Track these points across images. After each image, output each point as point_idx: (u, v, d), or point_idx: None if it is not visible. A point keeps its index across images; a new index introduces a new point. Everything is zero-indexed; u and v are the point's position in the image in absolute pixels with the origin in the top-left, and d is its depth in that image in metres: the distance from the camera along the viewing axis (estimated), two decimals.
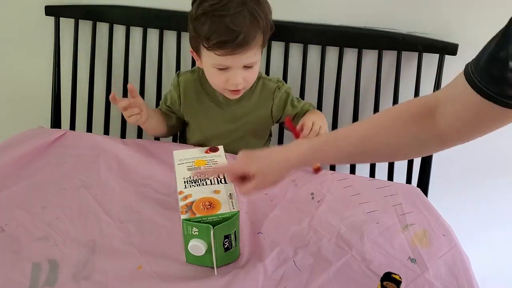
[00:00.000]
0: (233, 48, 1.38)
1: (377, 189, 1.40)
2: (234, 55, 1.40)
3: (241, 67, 1.45)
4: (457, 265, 1.15)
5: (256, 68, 1.52)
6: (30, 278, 1.09)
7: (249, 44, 1.39)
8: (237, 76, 1.46)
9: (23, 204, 1.31)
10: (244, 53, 1.41)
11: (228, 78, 1.46)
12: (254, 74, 1.52)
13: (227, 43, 1.37)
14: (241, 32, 1.35)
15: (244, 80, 1.49)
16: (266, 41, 1.52)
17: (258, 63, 1.51)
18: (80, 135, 1.66)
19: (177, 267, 1.12)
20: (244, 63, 1.44)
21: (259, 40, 1.44)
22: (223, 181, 1.17)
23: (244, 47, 1.39)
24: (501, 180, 1.88)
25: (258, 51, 1.47)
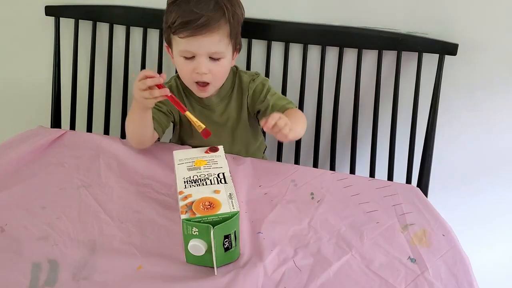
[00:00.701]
0: (194, 29, 1.42)
1: (377, 189, 1.39)
2: (196, 37, 1.43)
3: (206, 56, 1.47)
4: (456, 265, 1.15)
5: (224, 63, 1.52)
6: (30, 278, 1.09)
7: (211, 27, 1.43)
8: (202, 64, 1.47)
9: (23, 204, 1.31)
10: (207, 36, 1.43)
11: (194, 67, 1.48)
12: (221, 68, 1.52)
13: (189, 24, 1.42)
14: (203, 15, 1.41)
15: (210, 73, 1.49)
16: (235, 37, 1.53)
17: (226, 58, 1.52)
18: (79, 135, 1.66)
19: (177, 267, 1.12)
20: (208, 49, 1.46)
21: (224, 29, 1.47)
22: (223, 181, 1.17)
23: (205, 29, 1.42)
24: (501, 180, 1.88)
25: (223, 41, 1.48)
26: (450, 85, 1.75)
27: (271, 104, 1.59)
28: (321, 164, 1.92)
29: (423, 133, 1.77)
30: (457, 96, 1.79)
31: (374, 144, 1.82)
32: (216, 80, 1.54)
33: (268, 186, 1.41)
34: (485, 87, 1.76)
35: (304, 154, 1.91)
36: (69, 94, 2.01)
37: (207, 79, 1.51)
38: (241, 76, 1.65)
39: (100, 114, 2.02)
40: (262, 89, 1.62)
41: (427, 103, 1.74)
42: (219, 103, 1.65)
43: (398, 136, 1.79)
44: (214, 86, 1.56)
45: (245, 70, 1.76)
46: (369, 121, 1.82)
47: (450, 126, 1.83)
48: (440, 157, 1.83)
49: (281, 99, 1.61)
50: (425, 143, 1.77)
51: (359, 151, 1.86)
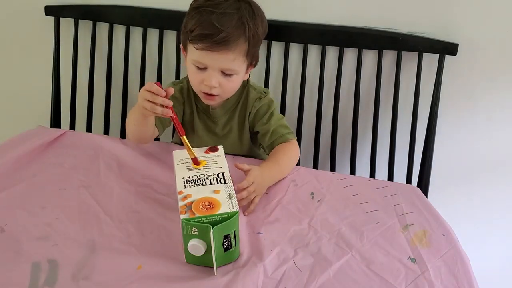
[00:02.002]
0: (211, 44, 1.38)
1: (377, 189, 1.39)
2: (211, 52, 1.40)
3: (218, 70, 1.44)
4: (457, 265, 1.15)
5: (236, 79, 1.49)
6: (29, 278, 1.09)
7: (228, 45, 1.39)
8: (212, 78, 1.44)
9: (22, 204, 1.31)
10: (222, 54, 1.40)
11: (204, 79, 1.45)
12: (232, 84, 1.49)
13: (206, 38, 1.38)
14: (223, 30, 1.37)
15: (220, 86, 1.47)
16: (251, 56, 1.49)
17: (239, 74, 1.49)
18: (79, 135, 1.66)
19: (177, 267, 1.12)
20: (221, 66, 1.43)
21: (242, 48, 1.43)
22: (223, 181, 1.16)
23: (223, 46, 1.39)
24: (501, 180, 1.88)
25: (238, 59, 1.45)
26: (450, 85, 1.75)
27: (271, 130, 1.56)
28: (321, 164, 1.92)
29: (423, 133, 1.77)
30: (457, 96, 1.79)
31: (374, 144, 1.82)
32: (225, 93, 1.51)
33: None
34: (485, 87, 1.76)
35: (304, 154, 1.90)
36: (69, 94, 2.01)
37: (215, 92, 1.48)
38: (249, 92, 1.60)
39: (100, 114, 2.01)
40: (266, 111, 1.58)
41: (427, 103, 1.74)
42: (223, 116, 1.62)
43: (398, 136, 1.79)
44: (222, 98, 1.54)
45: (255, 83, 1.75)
46: (369, 121, 1.82)
47: (450, 126, 1.82)
48: (440, 157, 1.83)
49: (282, 126, 1.57)
50: (425, 143, 1.77)
51: (359, 151, 1.86)
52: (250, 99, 1.59)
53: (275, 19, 1.80)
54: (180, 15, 1.65)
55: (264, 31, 1.53)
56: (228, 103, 1.60)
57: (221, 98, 1.53)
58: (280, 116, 1.61)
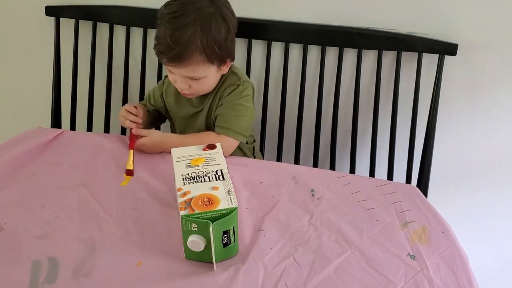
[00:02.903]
0: (167, 59, 1.48)
1: (377, 187, 1.39)
2: (172, 64, 1.49)
3: (185, 77, 1.52)
4: (456, 262, 1.15)
5: (206, 81, 1.55)
6: (30, 276, 1.09)
7: (182, 60, 1.46)
8: (180, 83, 1.53)
9: (22, 203, 1.31)
10: (181, 67, 1.48)
11: (174, 80, 1.55)
12: (202, 85, 1.56)
13: (162, 54, 1.48)
14: (175, 48, 1.44)
15: (191, 87, 1.54)
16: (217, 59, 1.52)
17: (208, 77, 1.54)
18: (77, 134, 1.67)
19: (177, 263, 1.12)
20: (185, 74, 1.51)
21: (198, 59, 1.47)
22: (221, 178, 1.17)
23: (177, 62, 1.47)
24: (501, 180, 1.88)
25: (199, 68, 1.49)
26: (450, 85, 1.75)
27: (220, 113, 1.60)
28: (321, 164, 1.92)
29: (423, 133, 1.77)
30: (457, 96, 1.79)
31: (374, 144, 1.82)
32: (199, 90, 1.59)
33: (269, 183, 1.41)
34: (485, 87, 1.76)
35: (304, 154, 1.91)
36: (69, 94, 2.01)
37: (187, 92, 1.56)
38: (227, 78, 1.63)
39: (100, 114, 2.02)
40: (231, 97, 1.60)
41: (427, 103, 1.75)
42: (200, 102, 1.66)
43: (398, 136, 1.79)
44: (197, 94, 1.61)
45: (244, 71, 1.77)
46: (369, 121, 1.82)
47: (450, 126, 1.83)
48: (440, 157, 1.83)
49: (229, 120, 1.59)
50: (425, 143, 1.77)
51: (359, 151, 1.86)
52: (225, 84, 1.62)
53: (275, 19, 1.80)
54: None
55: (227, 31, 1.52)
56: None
57: (197, 94, 1.61)
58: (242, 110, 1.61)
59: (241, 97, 1.60)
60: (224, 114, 1.59)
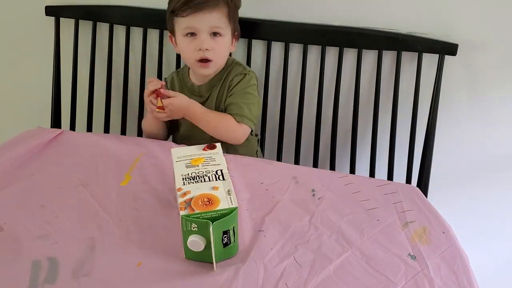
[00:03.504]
0: (195, 5, 1.55)
1: (377, 187, 1.39)
2: (198, 14, 1.56)
3: (207, 32, 1.59)
4: (456, 262, 1.15)
5: (224, 40, 1.63)
6: (30, 276, 1.09)
7: (210, 5, 1.56)
8: (204, 41, 1.59)
9: (21, 203, 1.31)
10: (207, 13, 1.56)
11: (197, 44, 1.59)
12: (221, 46, 1.63)
13: (189, 3, 1.55)
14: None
15: (212, 49, 1.60)
16: (233, 21, 1.64)
17: (226, 37, 1.63)
18: (77, 134, 1.67)
19: (177, 263, 1.12)
20: (209, 24, 1.58)
21: (223, 9, 1.59)
22: (221, 178, 1.17)
23: (205, 6, 1.55)
24: (501, 180, 1.88)
25: (222, 19, 1.60)
26: (450, 85, 1.75)
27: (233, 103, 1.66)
28: (321, 164, 1.92)
29: (423, 133, 1.77)
30: (457, 96, 1.79)
31: (374, 144, 1.82)
32: (217, 57, 1.64)
33: (269, 183, 1.41)
34: (485, 87, 1.76)
35: (304, 154, 1.91)
36: (69, 94, 2.01)
37: (209, 55, 1.61)
38: (233, 68, 1.71)
39: (100, 114, 2.02)
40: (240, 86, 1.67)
41: (427, 103, 1.75)
42: (207, 91, 1.71)
43: (398, 136, 1.79)
44: (216, 64, 1.65)
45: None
46: (369, 121, 1.82)
47: (450, 126, 1.83)
48: (440, 157, 1.83)
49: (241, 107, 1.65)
50: (425, 143, 1.77)
51: (359, 151, 1.86)
52: (232, 74, 1.70)
53: (275, 19, 1.80)
54: None
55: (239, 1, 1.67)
56: (214, 80, 1.71)
57: (215, 65, 1.66)
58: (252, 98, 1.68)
59: (249, 86, 1.68)
60: (237, 102, 1.65)
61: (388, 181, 1.50)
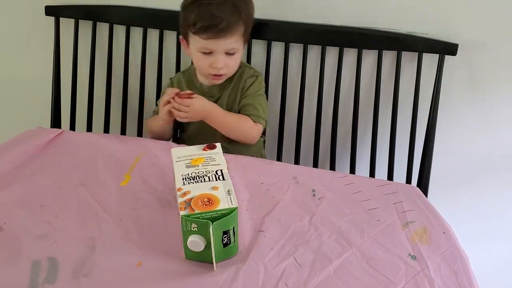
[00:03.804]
0: (216, 32, 1.56)
1: (378, 187, 1.39)
2: (216, 39, 1.58)
3: (223, 53, 1.62)
4: (456, 262, 1.15)
5: (237, 57, 1.67)
6: (30, 276, 1.08)
7: (230, 30, 1.58)
8: (219, 61, 1.62)
9: (21, 203, 1.30)
10: (226, 39, 1.59)
11: (212, 62, 1.63)
12: (235, 62, 1.68)
13: (210, 28, 1.56)
14: (224, 19, 1.55)
15: (226, 66, 1.64)
16: (248, 34, 1.68)
17: (239, 52, 1.67)
18: (77, 134, 1.66)
19: (177, 263, 1.12)
20: (226, 48, 1.61)
21: (240, 29, 1.62)
22: (221, 178, 1.16)
23: (226, 33, 1.57)
24: (501, 180, 1.88)
25: (239, 40, 1.63)
26: (450, 85, 1.75)
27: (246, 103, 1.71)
28: (321, 164, 1.92)
29: (423, 133, 1.77)
30: (457, 96, 1.79)
31: (374, 144, 1.82)
32: (230, 70, 1.69)
33: (270, 183, 1.40)
34: (485, 87, 1.76)
35: (304, 154, 1.91)
36: (69, 94, 2.01)
37: (223, 72, 1.65)
38: (244, 71, 1.75)
39: (100, 114, 2.02)
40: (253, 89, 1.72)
41: (427, 103, 1.75)
42: (218, 92, 1.74)
43: (398, 136, 1.79)
44: (227, 76, 1.70)
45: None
46: (369, 121, 1.82)
47: (450, 126, 1.82)
48: (440, 157, 1.83)
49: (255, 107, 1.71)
50: (425, 143, 1.77)
51: (359, 151, 1.86)
52: (244, 76, 1.74)
53: (275, 19, 1.80)
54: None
55: (253, 7, 1.70)
56: (224, 81, 1.74)
57: (227, 77, 1.71)
58: (263, 100, 1.75)
59: (260, 88, 1.75)
60: (252, 104, 1.71)
61: (389, 181, 1.50)
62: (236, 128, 1.69)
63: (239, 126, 1.68)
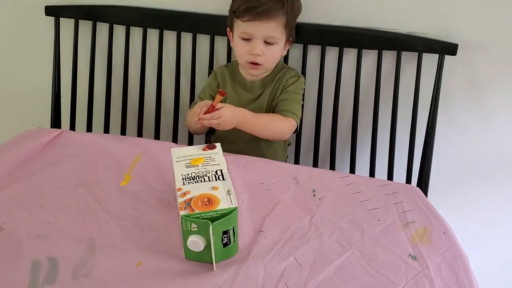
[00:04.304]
0: (255, 15, 1.60)
1: (378, 187, 1.39)
2: (256, 22, 1.61)
3: (261, 39, 1.64)
4: (457, 262, 1.15)
5: (276, 48, 1.68)
6: (30, 276, 1.08)
7: (270, 15, 1.61)
8: (256, 47, 1.65)
9: (21, 203, 1.30)
10: (264, 23, 1.61)
11: (250, 49, 1.65)
12: (273, 53, 1.68)
13: (250, 10, 1.61)
14: (265, 4, 1.59)
15: (263, 55, 1.66)
16: (289, 28, 1.69)
17: (279, 44, 1.68)
18: (76, 134, 1.66)
19: (177, 263, 1.12)
20: (265, 33, 1.63)
21: (281, 19, 1.63)
22: (221, 178, 1.16)
23: (264, 17, 1.61)
24: (501, 180, 1.88)
25: (279, 29, 1.64)
26: (450, 85, 1.75)
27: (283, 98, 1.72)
28: (321, 164, 1.92)
29: (423, 133, 1.77)
30: (457, 96, 1.79)
31: (374, 144, 1.82)
32: (268, 62, 1.70)
33: (270, 183, 1.40)
34: (485, 87, 1.76)
35: (304, 154, 1.91)
36: (69, 94, 2.01)
37: (259, 61, 1.67)
38: (287, 71, 1.77)
39: (100, 114, 2.02)
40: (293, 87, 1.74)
41: (427, 103, 1.75)
42: (260, 88, 1.76)
43: (398, 136, 1.79)
44: (265, 68, 1.72)
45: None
46: (369, 121, 1.82)
47: (450, 126, 1.82)
48: (440, 157, 1.83)
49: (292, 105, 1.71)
50: (425, 143, 1.77)
51: (359, 151, 1.85)
52: (287, 75, 1.76)
53: None
54: (180, 15, 1.67)
55: (299, 6, 1.72)
56: (267, 78, 1.76)
57: (264, 69, 1.72)
58: (300, 100, 1.75)
59: (300, 88, 1.75)
60: (286, 99, 1.72)
61: (389, 181, 1.50)
62: (268, 127, 1.68)
63: (271, 123, 1.69)
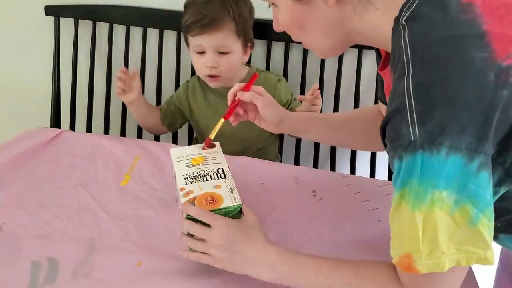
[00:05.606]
0: (202, 27, 1.59)
1: (379, 187, 1.39)
2: (203, 35, 1.60)
3: (213, 51, 1.62)
4: None
5: (232, 59, 1.66)
6: (29, 276, 1.09)
7: (216, 25, 1.59)
8: (210, 59, 1.63)
9: (21, 203, 1.31)
10: (212, 34, 1.60)
11: (204, 62, 1.64)
12: (228, 62, 1.65)
13: (196, 23, 1.59)
14: (208, 15, 1.58)
15: (219, 66, 1.64)
16: (243, 35, 1.66)
17: (234, 53, 1.65)
18: (76, 134, 1.67)
19: (177, 263, 1.11)
20: (215, 44, 1.61)
21: (229, 27, 1.61)
22: (223, 176, 1.16)
23: (211, 28, 1.59)
24: None
25: (229, 37, 1.62)
26: None
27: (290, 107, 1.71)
28: (321, 164, 1.92)
29: None
30: None
31: None
32: (226, 72, 1.66)
33: (270, 183, 1.40)
34: None
35: (304, 154, 1.91)
36: (69, 94, 2.01)
37: (215, 72, 1.65)
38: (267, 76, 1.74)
39: (100, 114, 2.01)
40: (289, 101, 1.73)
41: None
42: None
43: None
44: (225, 78, 1.68)
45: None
46: None
47: None
48: None
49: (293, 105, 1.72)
50: None
51: (359, 151, 1.85)
52: (270, 82, 1.72)
53: None
54: (180, 15, 1.66)
55: (249, 10, 1.69)
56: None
57: (224, 79, 1.68)
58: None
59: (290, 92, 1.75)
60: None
61: (389, 181, 1.49)
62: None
63: None
